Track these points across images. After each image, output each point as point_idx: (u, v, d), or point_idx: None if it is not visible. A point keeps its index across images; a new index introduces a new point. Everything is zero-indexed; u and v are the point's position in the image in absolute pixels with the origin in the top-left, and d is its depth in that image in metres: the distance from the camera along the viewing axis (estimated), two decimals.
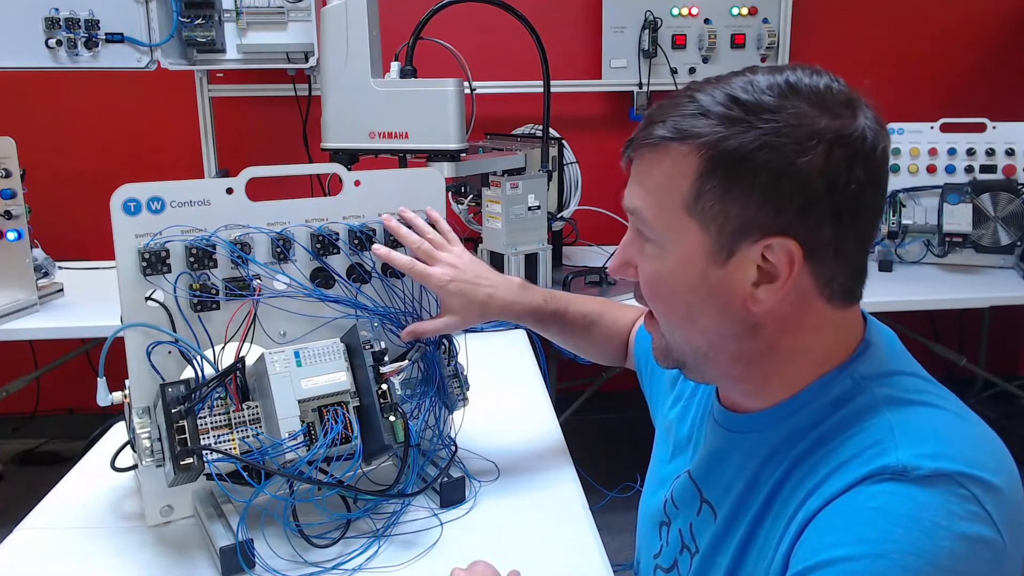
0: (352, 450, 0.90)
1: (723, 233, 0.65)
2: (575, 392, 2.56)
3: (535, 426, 1.24)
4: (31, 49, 2.10)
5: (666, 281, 0.70)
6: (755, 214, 0.64)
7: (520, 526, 0.97)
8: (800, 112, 0.63)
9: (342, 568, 0.88)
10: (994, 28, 2.86)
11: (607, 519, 0.94)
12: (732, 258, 0.66)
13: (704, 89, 0.66)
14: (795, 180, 0.62)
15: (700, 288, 0.68)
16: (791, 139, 0.62)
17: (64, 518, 1.00)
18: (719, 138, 0.63)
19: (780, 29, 2.65)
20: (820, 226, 0.63)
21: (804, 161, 0.62)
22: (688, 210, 0.66)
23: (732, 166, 0.63)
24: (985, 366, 2.83)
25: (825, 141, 0.62)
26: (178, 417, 0.85)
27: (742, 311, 0.67)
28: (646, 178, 0.69)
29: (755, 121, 0.63)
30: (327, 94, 1.75)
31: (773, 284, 0.65)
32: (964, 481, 0.58)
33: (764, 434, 0.72)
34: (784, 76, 0.65)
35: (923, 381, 0.69)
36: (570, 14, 2.71)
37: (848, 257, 0.66)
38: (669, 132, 0.66)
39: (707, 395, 0.85)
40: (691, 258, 0.67)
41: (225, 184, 0.94)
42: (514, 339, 1.67)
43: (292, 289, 0.97)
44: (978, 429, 0.65)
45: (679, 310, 0.71)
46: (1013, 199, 2.19)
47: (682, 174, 0.66)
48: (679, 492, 0.83)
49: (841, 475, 0.62)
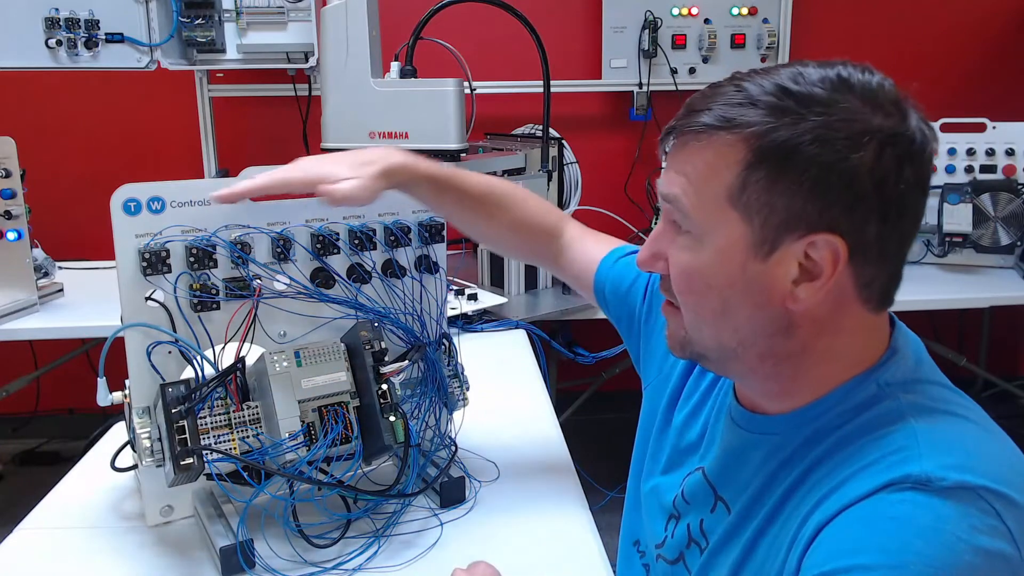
0: (352, 450, 0.90)
1: (767, 226, 0.63)
2: (575, 392, 2.56)
3: (535, 426, 1.24)
4: (31, 49, 2.09)
5: (702, 274, 0.68)
6: (802, 208, 0.62)
7: (520, 526, 0.97)
8: (852, 108, 0.61)
9: (342, 568, 0.88)
10: (994, 28, 2.86)
11: (607, 519, 0.94)
12: (774, 253, 0.64)
13: (751, 79, 0.65)
14: (845, 176, 0.61)
15: (738, 282, 0.66)
16: (843, 134, 0.60)
17: (64, 518, 1.00)
18: (769, 128, 0.62)
19: (780, 29, 2.65)
20: (866, 225, 0.62)
21: (856, 157, 0.60)
22: (732, 201, 0.64)
23: (781, 158, 0.62)
24: (985, 366, 2.83)
25: (877, 139, 0.61)
26: (178, 417, 0.85)
27: (779, 308, 0.66)
28: (687, 166, 0.67)
29: (807, 113, 0.61)
30: (327, 94, 1.75)
31: (814, 283, 0.64)
32: (987, 495, 0.57)
33: (785, 436, 0.71)
34: (836, 70, 0.63)
35: (949, 391, 0.68)
36: (570, 14, 2.71)
37: (889, 259, 0.65)
38: (715, 120, 0.64)
39: (723, 392, 0.83)
40: (731, 250, 0.65)
41: (225, 184, 0.93)
42: (514, 339, 1.67)
43: (292, 289, 0.97)
44: (1004, 444, 0.64)
45: (713, 305, 0.68)
46: (1013, 199, 2.19)
47: (727, 164, 0.64)
48: (691, 489, 0.82)
49: (862, 479, 0.61)
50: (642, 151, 2.75)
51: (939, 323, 2.78)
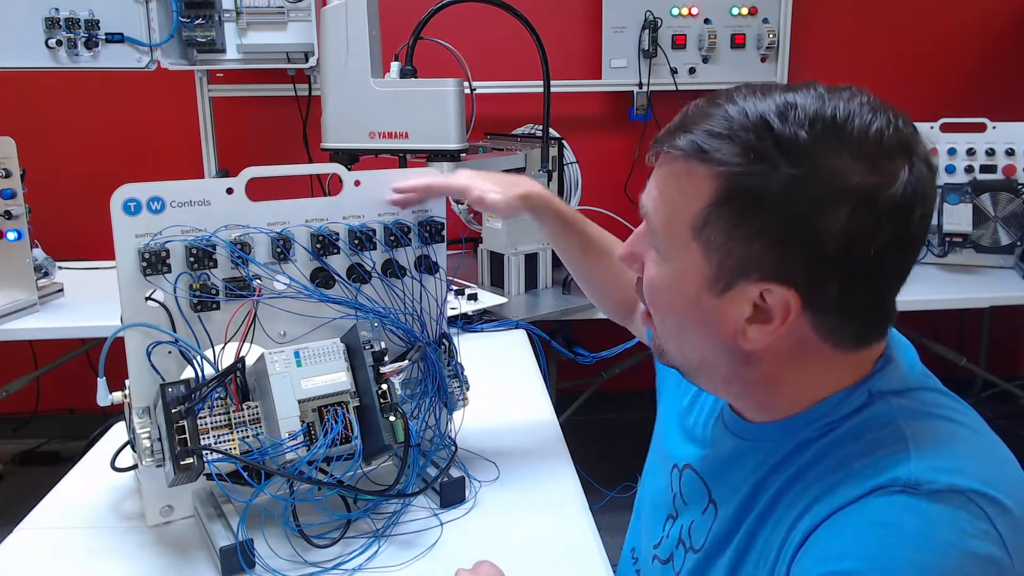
0: (352, 450, 0.90)
1: (723, 266, 0.63)
2: (575, 392, 2.56)
3: (535, 426, 1.24)
4: (31, 49, 2.09)
5: (663, 291, 0.69)
6: (760, 256, 0.61)
7: (520, 526, 0.97)
8: (832, 164, 0.58)
9: (342, 568, 0.88)
10: (994, 28, 2.86)
11: (607, 519, 0.94)
12: (729, 291, 0.64)
13: (743, 99, 0.62)
14: (808, 235, 0.58)
15: (692, 310, 0.66)
16: (815, 192, 0.58)
17: (64, 518, 1.00)
18: (738, 172, 0.60)
19: (780, 29, 2.65)
20: (826, 284, 0.60)
21: (823, 220, 0.58)
22: (694, 233, 0.64)
23: (746, 204, 0.60)
24: (985, 366, 2.83)
25: (850, 201, 0.57)
26: (178, 417, 0.85)
27: (732, 343, 0.66)
28: (664, 186, 0.67)
29: (782, 163, 0.58)
30: (327, 94, 1.75)
31: (766, 326, 0.63)
32: (977, 499, 0.57)
33: (775, 443, 0.70)
34: (833, 106, 0.59)
35: (942, 396, 0.67)
36: (570, 14, 2.71)
37: (858, 313, 0.63)
38: (691, 148, 0.63)
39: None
40: (688, 278, 0.66)
41: (225, 184, 0.94)
42: (514, 339, 1.67)
43: (292, 289, 0.97)
44: (996, 447, 0.64)
45: (672, 321, 0.70)
46: (1013, 199, 2.19)
47: (696, 194, 0.63)
48: (688, 488, 0.82)
49: (851, 483, 0.61)
50: (642, 151, 2.75)
51: (939, 323, 2.78)
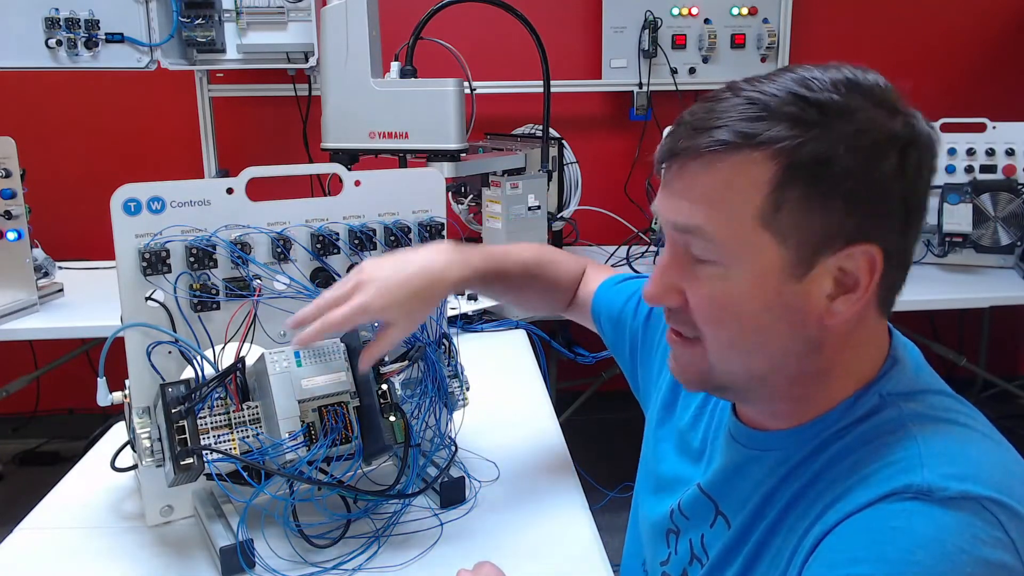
0: (352, 450, 0.90)
1: (804, 246, 0.61)
2: (575, 392, 2.56)
3: (535, 426, 1.24)
4: (31, 49, 2.10)
5: (734, 304, 0.64)
6: (839, 223, 0.60)
7: (520, 526, 0.97)
8: (869, 115, 0.60)
9: (342, 568, 0.88)
10: (994, 28, 2.86)
11: (607, 519, 0.94)
12: (810, 272, 0.62)
13: (756, 87, 0.62)
14: (875, 186, 0.60)
15: (775, 307, 0.63)
16: (870, 142, 0.59)
17: (64, 518, 1.00)
18: (797, 143, 0.59)
19: (780, 29, 2.65)
20: (895, 231, 0.62)
21: (882, 166, 0.60)
22: (764, 223, 0.61)
23: (814, 173, 0.59)
24: (985, 366, 2.83)
25: (896, 145, 0.60)
26: (178, 417, 0.85)
27: (815, 327, 0.64)
28: (710, 190, 0.63)
29: (833, 123, 0.59)
30: (327, 94, 1.75)
31: (851, 295, 0.62)
32: (990, 506, 0.56)
33: (785, 452, 0.70)
34: (843, 73, 0.62)
35: (951, 399, 0.67)
36: (570, 14, 2.71)
37: (909, 262, 0.65)
38: (734, 137, 0.60)
39: (722, 408, 0.82)
40: (765, 275, 0.62)
41: (225, 184, 0.94)
42: (514, 339, 1.67)
43: (292, 289, 0.97)
44: (1007, 453, 0.63)
45: (745, 332, 0.65)
46: (1013, 199, 2.19)
47: (754, 183, 0.60)
48: (689, 503, 0.80)
49: (863, 489, 0.60)
50: (642, 151, 2.75)
51: (939, 323, 2.78)
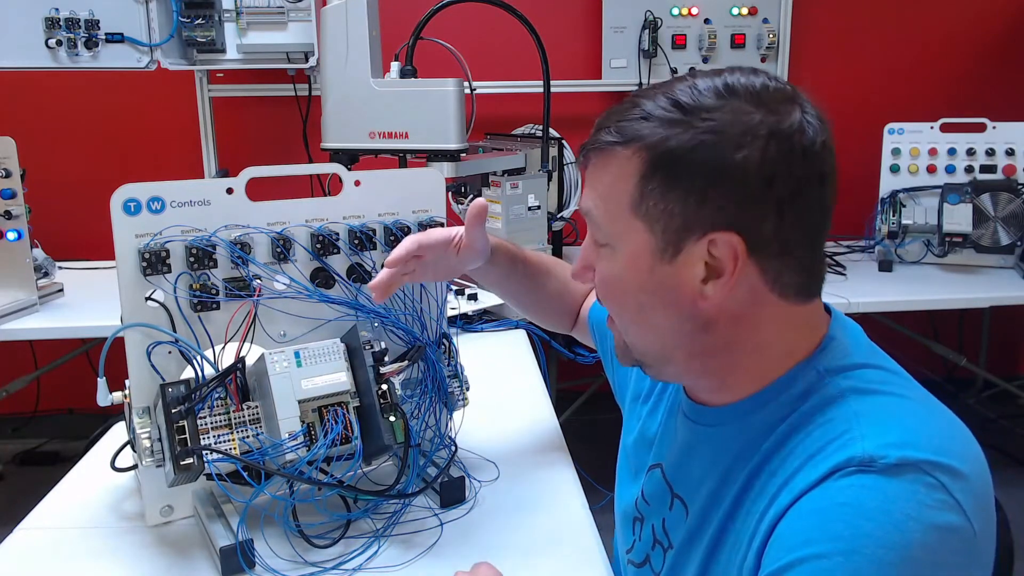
0: (352, 450, 0.90)
1: (668, 231, 0.67)
2: (575, 392, 2.56)
3: (535, 426, 1.24)
4: (31, 49, 2.10)
5: (618, 281, 0.72)
6: (696, 211, 0.65)
7: (520, 526, 0.97)
8: (736, 109, 0.64)
9: (342, 568, 0.88)
10: (994, 28, 2.86)
11: (607, 519, 0.94)
12: (679, 255, 0.67)
13: (648, 95, 0.69)
14: (733, 176, 0.64)
15: (649, 286, 0.70)
16: (727, 135, 0.64)
17: (64, 518, 1.00)
18: (659, 139, 0.66)
19: (780, 29, 2.65)
20: (762, 220, 0.65)
21: (741, 156, 0.63)
22: (634, 211, 0.68)
23: (671, 165, 0.65)
24: (985, 366, 2.83)
25: (760, 136, 0.63)
26: (178, 417, 0.85)
27: (692, 308, 0.69)
28: (597, 182, 0.72)
29: (693, 121, 0.65)
30: (327, 94, 1.75)
31: (720, 280, 0.67)
32: (930, 469, 0.58)
33: (732, 427, 0.73)
34: (723, 78, 0.67)
35: (887, 373, 0.69)
36: (570, 14, 2.71)
37: (795, 253, 0.67)
38: (614, 136, 0.69)
39: (676, 390, 0.86)
40: (639, 257, 0.69)
41: (225, 184, 0.94)
42: (514, 339, 1.68)
43: (292, 289, 0.97)
44: (943, 417, 0.66)
45: (632, 309, 0.73)
46: (1013, 199, 2.19)
47: (626, 176, 0.68)
48: (650, 488, 0.84)
49: (809, 469, 0.63)
50: None
51: (939, 323, 2.78)
